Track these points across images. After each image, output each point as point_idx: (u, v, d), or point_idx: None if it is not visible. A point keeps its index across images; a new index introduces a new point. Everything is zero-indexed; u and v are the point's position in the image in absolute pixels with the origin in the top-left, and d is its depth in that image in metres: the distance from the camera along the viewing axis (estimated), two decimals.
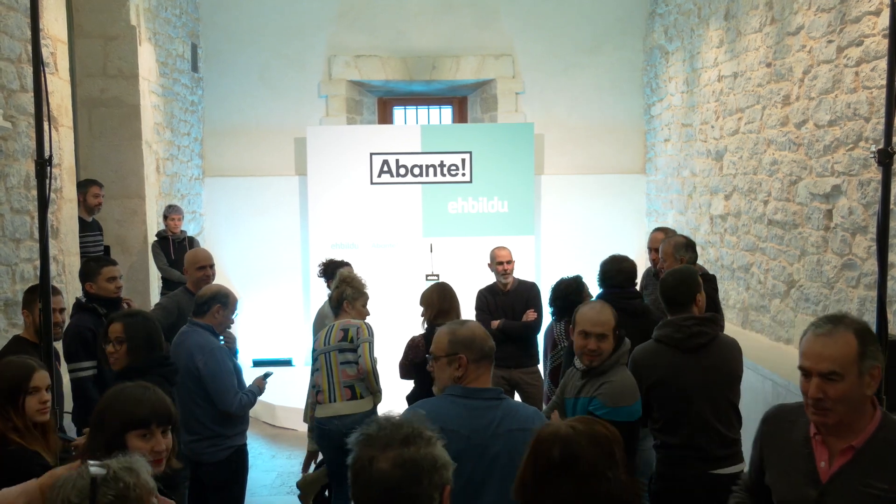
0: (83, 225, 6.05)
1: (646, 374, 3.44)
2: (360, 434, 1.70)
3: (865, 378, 2.08)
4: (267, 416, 7.30)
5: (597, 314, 3.26)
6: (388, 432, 1.67)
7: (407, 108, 10.09)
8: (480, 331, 2.69)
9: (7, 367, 2.87)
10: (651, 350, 3.51)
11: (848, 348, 2.08)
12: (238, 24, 9.04)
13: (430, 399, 2.73)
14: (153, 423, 2.37)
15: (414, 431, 1.68)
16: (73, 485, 1.63)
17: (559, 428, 1.95)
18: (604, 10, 9.20)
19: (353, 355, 4.42)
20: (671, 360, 3.44)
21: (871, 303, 4.45)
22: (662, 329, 3.52)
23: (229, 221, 9.14)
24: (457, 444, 2.42)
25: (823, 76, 5.07)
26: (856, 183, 4.71)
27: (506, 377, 5.57)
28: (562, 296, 4.85)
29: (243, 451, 4.35)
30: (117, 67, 6.77)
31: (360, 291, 4.66)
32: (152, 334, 3.43)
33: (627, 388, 3.20)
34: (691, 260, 4.64)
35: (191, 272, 5.01)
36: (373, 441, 1.66)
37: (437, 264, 8.00)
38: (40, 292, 3.28)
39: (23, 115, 4.73)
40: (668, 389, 3.42)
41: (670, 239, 4.84)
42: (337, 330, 4.50)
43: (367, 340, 4.45)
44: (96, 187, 6.30)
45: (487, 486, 2.50)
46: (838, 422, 2.11)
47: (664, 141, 8.60)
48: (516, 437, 2.47)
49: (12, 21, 4.64)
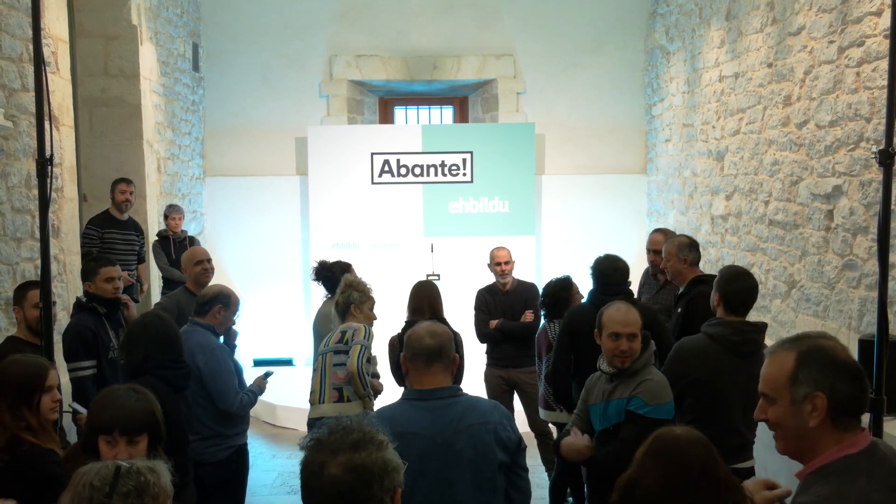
0: (115, 223, 6.07)
1: (692, 367, 3.44)
2: (311, 439, 1.71)
3: (803, 406, 1.81)
4: (267, 416, 7.30)
5: (624, 315, 3.21)
6: (339, 437, 1.67)
7: (408, 108, 10.09)
8: (424, 329, 2.64)
9: (21, 366, 2.83)
10: (702, 346, 3.50)
11: (781, 371, 1.86)
12: (239, 24, 9.04)
13: (389, 405, 2.70)
14: (115, 431, 2.36)
15: (364, 436, 1.68)
16: (97, 471, 1.68)
17: (689, 433, 1.93)
18: (605, 10, 9.20)
19: (345, 357, 4.41)
20: (721, 361, 3.44)
21: (872, 303, 4.44)
22: (717, 328, 3.50)
23: (230, 221, 9.14)
24: (418, 446, 2.44)
25: (824, 76, 5.07)
26: (857, 183, 4.71)
27: (504, 377, 5.57)
28: (551, 294, 4.90)
29: (244, 451, 4.36)
30: (118, 67, 6.77)
31: (366, 295, 4.68)
32: (169, 335, 3.42)
33: (664, 387, 3.21)
34: (694, 260, 4.60)
35: (189, 269, 5.02)
36: (323, 446, 1.67)
37: (438, 264, 8.00)
38: (41, 292, 3.29)
39: (24, 115, 4.73)
40: (710, 387, 3.42)
41: (674, 239, 4.80)
42: (338, 332, 4.51)
43: (359, 343, 4.40)
44: (123, 184, 6.30)
45: (459, 484, 2.51)
46: (791, 451, 1.88)
47: (665, 141, 8.60)
48: (478, 430, 2.51)
49: (13, 20, 4.65)
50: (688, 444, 1.92)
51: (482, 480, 2.53)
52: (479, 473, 2.52)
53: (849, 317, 4.82)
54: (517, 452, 2.58)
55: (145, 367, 3.29)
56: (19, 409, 2.71)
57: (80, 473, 1.69)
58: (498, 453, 2.53)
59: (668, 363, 3.55)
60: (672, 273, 4.68)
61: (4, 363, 2.87)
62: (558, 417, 4.84)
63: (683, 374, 3.42)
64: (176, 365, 3.41)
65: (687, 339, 3.60)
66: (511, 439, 2.55)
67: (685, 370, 3.43)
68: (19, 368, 2.81)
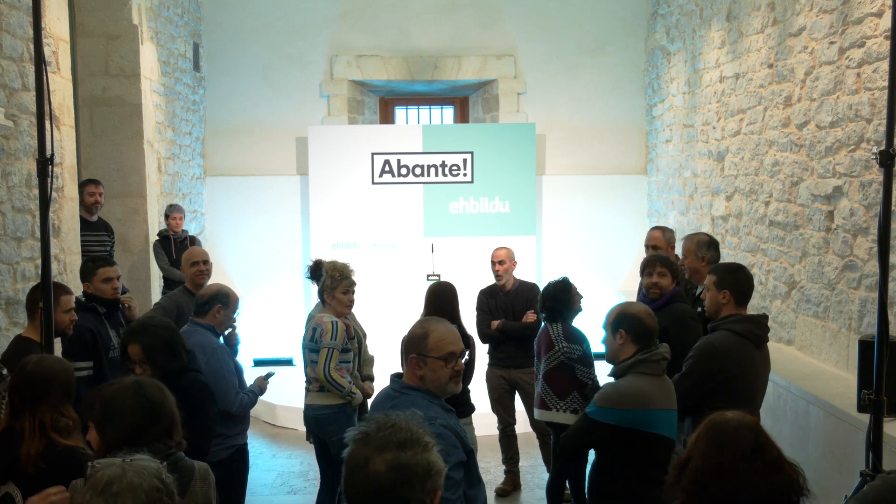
0: (85, 224, 6.03)
1: (728, 365, 3.54)
2: (358, 432, 1.71)
3: None
4: (268, 416, 7.30)
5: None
6: (387, 434, 1.68)
7: (408, 108, 10.09)
8: (416, 328, 2.68)
9: (58, 364, 2.81)
10: (734, 343, 3.59)
11: None
12: (240, 24, 9.05)
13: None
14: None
15: (412, 436, 1.69)
16: (147, 472, 1.70)
17: (740, 416, 2.01)
18: (606, 10, 9.20)
19: (315, 356, 4.46)
20: (749, 355, 3.60)
21: (872, 304, 4.44)
22: (742, 325, 3.62)
23: (230, 221, 9.14)
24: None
25: (825, 77, 5.07)
26: (857, 184, 4.71)
27: (505, 377, 5.57)
28: (551, 296, 4.88)
29: (244, 451, 4.35)
30: (119, 66, 6.78)
31: (337, 279, 4.56)
32: (170, 343, 3.41)
33: (623, 395, 3.21)
34: (713, 259, 4.52)
35: (186, 269, 5.04)
36: (370, 441, 1.67)
37: (439, 264, 8.00)
38: (41, 291, 3.28)
39: (25, 114, 4.73)
40: (741, 382, 3.55)
41: (693, 236, 4.73)
42: (309, 328, 4.56)
43: (326, 346, 4.39)
44: (91, 185, 6.25)
45: None
46: None
47: (666, 142, 8.59)
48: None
49: (14, 20, 4.65)
50: (736, 425, 1.99)
51: None
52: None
53: (849, 317, 4.82)
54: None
55: (186, 367, 3.36)
56: (65, 408, 2.68)
57: (119, 478, 1.69)
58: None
59: (700, 362, 3.59)
60: (690, 271, 4.64)
61: (38, 366, 2.75)
62: (554, 417, 4.83)
63: (719, 371, 3.53)
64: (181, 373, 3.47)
65: (714, 337, 3.64)
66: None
67: (720, 368, 3.53)
68: (58, 367, 2.78)
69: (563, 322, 4.85)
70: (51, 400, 2.66)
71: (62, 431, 2.66)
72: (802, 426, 4.61)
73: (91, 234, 6.22)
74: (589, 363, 4.82)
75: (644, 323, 3.34)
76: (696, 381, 3.55)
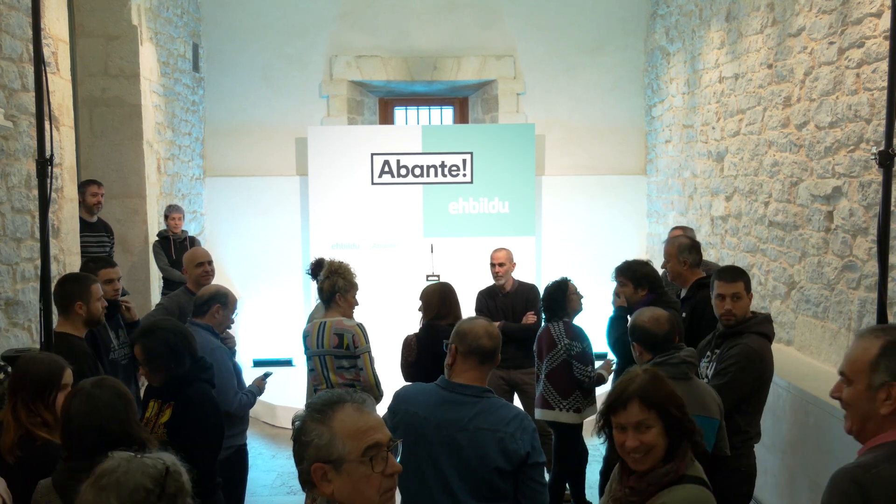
0: (85, 225, 6.03)
1: (767, 368, 3.73)
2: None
3: (878, 393, 1.91)
4: (267, 416, 7.30)
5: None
6: (322, 397, 1.85)
7: (408, 109, 10.09)
8: (481, 328, 2.69)
9: (40, 364, 2.90)
10: (767, 346, 3.77)
11: (864, 356, 1.95)
12: (239, 24, 9.05)
13: (420, 384, 2.85)
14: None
15: (341, 398, 1.80)
16: (142, 472, 1.66)
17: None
18: (605, 11, 9.20)
19: (348, 362, 4.35)
20: (772, 356, 3.80)
21: (872, 304, 4.44)
22: (767, 325, 3.79)
23: (230, 221, 9.14)
24: (414, 426, 2.62)
25: (824, 78, 5.07)
26: (856, 184, 4.71)
27: (504, 378, 5.58)
28: (546, 296, 4.98)
29: (243, 451, 4.36)
30: (118, 67, 6.78)
31: (351, 283, 4.53)
32: (174, 348, 3.32)
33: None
34: (694, 262, 4.56)
35: (190, 270, 5.02)
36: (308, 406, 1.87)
37: (438, 265, 8.00)
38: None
39: (24, 115, 4.73)
40: (769, 381, 3.79)
41: (674, 239, 4.76)
42: (330, 334, 4.38)
43: (365, 350, 4.35)
44: (94, 186, 6.27)
45: (452, 477, 2.58)
46: (855, 431, 1.99)
47: (665, 142, 8.60)
48: (483, 436, 2.55)
49: (14, 20, 4.65)
50: None
51: (479, 481, 2.56)
52: (476, 473, 2.55)
53: (848, 318, 4.82)
54: (524, 465, 2.55)
55: (192, 376, 3.31)
56: (35, 406, 2.79)
57: (111, 473, 1.66)
58: (499, 461, 2.54)
59: (747, 367, 3.64)
60: (672, 275, 4.67)
61: (23, 360, 2.93)
62: (557, 416, 4.84)
63: (762, 374, 3.69)
64: (208, 365, 3.47)
65: (754, 342, 3.70)
66: (517, 452, 2.54)
67: (763, 371, 3.69)
68: (37, 367, 2.88)
69: (565, 320, 4.89)
70: (22, 396, 2.79)
71: (39, 427, 2.77)
72: (802, 426, 4.61)
73: (91, 234, 6.22)
74: (588, 361, 4.83)
75: (648, 331, 3.36)
76: (745, 391, 3.66)
